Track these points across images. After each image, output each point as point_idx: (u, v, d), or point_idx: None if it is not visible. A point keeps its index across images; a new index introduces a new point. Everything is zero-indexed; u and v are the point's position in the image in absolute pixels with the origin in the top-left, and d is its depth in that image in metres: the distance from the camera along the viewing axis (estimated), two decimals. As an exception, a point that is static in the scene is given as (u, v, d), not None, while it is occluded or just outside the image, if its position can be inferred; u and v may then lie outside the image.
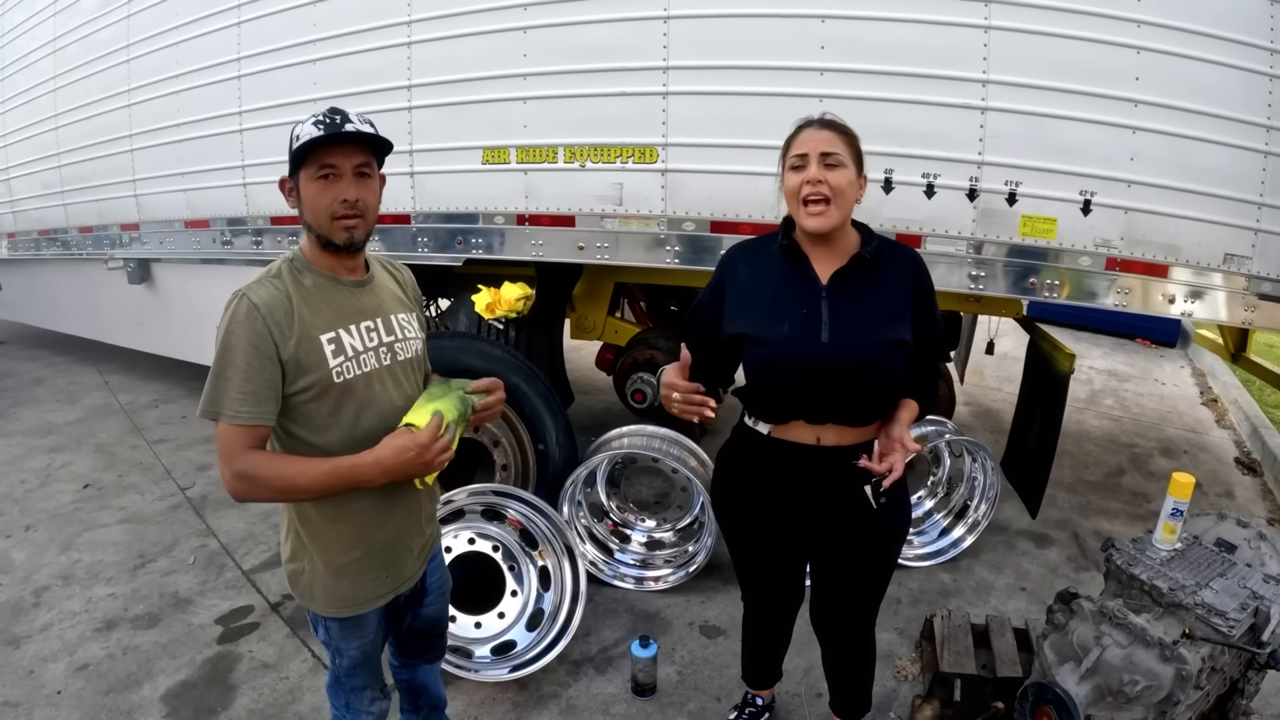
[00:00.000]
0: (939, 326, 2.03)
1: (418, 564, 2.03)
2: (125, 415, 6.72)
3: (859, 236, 1.98)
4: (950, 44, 2.94)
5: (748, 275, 1.99)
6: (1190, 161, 2.83)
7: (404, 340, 1.92)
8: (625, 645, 3.20)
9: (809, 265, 1.95)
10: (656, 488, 4.44)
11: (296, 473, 1.67)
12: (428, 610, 2.17)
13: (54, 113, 6.23)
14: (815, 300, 1.90)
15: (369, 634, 1.97)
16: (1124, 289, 2.98)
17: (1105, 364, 7.79)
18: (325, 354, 1.72)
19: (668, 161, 3.34)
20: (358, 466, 1.69)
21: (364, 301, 1.85)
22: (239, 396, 1.63)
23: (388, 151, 1.82)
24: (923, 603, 3.55)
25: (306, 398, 1.72)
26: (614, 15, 3.32)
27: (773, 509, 2.08)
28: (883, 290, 1.92)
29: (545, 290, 4.15)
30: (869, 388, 1.89)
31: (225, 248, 4.91)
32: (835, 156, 1.85)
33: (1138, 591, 2.30)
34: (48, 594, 3.85)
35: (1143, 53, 2.78)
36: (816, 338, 1.87)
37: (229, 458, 1.64)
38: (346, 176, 1.72)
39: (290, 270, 1.77)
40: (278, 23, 4.22)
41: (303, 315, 1.71)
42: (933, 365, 2.06)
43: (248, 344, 1.64)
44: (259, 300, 1.66)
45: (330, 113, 1.71)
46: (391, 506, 1.88)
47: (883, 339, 1.88)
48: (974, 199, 3.03)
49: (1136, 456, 5.48)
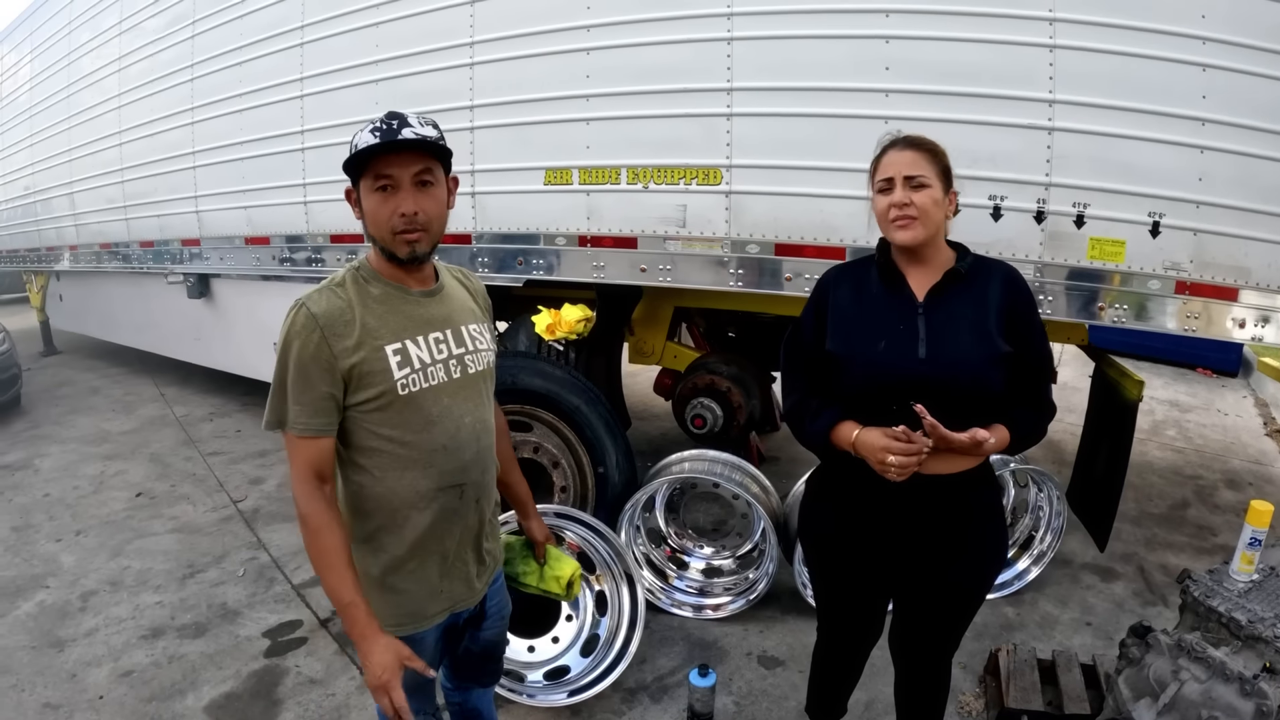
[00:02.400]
0: (1040, 346, 1.96)
1: (479, 584, 1.95)
2: (180, 427, 6.83)
3: (954, 253, 1.96)
4: (1015, 64, 2.88)
5: (846, 294, 1.99)
6: (1259, 181, 2.74)
7: (475, 352, 1.84)
8: (681, 674, 3.15)
9: (905, 283, 1.94)
10: (714, 514, 4.39)
11: (325, 566, 1.62)
12: (486, 634, 2.10)
13: (118, 129, 6.41)
14: (911, 316, 1.89)
15: (425, 655, 1.86)
16: (1193, 313, 2.88)
17: (1166, 394, 7.60)
18: (390, 365, 1.66)
19: (732, 183, 3.31)
20: (350, 626, 1.62)
21: (433, 311, 1.78)
22: (298, 408, 1.61)
23: (450, 156, 1.73)
24: (986, 636, 3.45)
25: (370, 408, 1.67)
26: (677, 37, 3.31)
27: (865, 539, 2.03)
28: (979, 305, 1.89)
29: (605, 313, 4.13)
30: (968, 403, 1.84)
31: (285, 265, 4.98)
32: (920, 178, 1.84)
33: (1215, 624, 2.21)
34: (95, 599, 3.91)
35: (1209, 70, 2.70)
36: (914, 353, 1.85)
37: (298, 472, 1.63)
38: (405, 187, 1.64)
39: (355, 279, 1.72)
40: (341, 43, 4.29)
41: (367, 325, 1.66)
42: (1033, 391, 1.99)
43: (305, 355, 1.60)
44: (318, 310, 1.62)
45: (387, 118, 1.63)
46: (452, 526, 1.81)
47: (980, 353, 1.84)
48: (1041, 221, 2.96)
49: (1201, 489, 5.32)
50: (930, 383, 1.82)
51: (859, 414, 1.93)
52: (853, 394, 1.93)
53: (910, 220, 1.83)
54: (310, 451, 1.63)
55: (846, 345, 1.93)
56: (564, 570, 2.20)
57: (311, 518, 1.62)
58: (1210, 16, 2.67)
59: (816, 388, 2.01)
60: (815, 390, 2.01)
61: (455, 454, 1.77)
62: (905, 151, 1.88)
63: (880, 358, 1.87)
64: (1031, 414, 1.96)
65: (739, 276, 3.39)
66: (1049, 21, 2.82)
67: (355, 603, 1.61)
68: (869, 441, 1.86)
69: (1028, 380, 1.93)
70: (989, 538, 2.04)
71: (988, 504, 2.03)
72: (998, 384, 1.86)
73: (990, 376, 1.85)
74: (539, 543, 2.22)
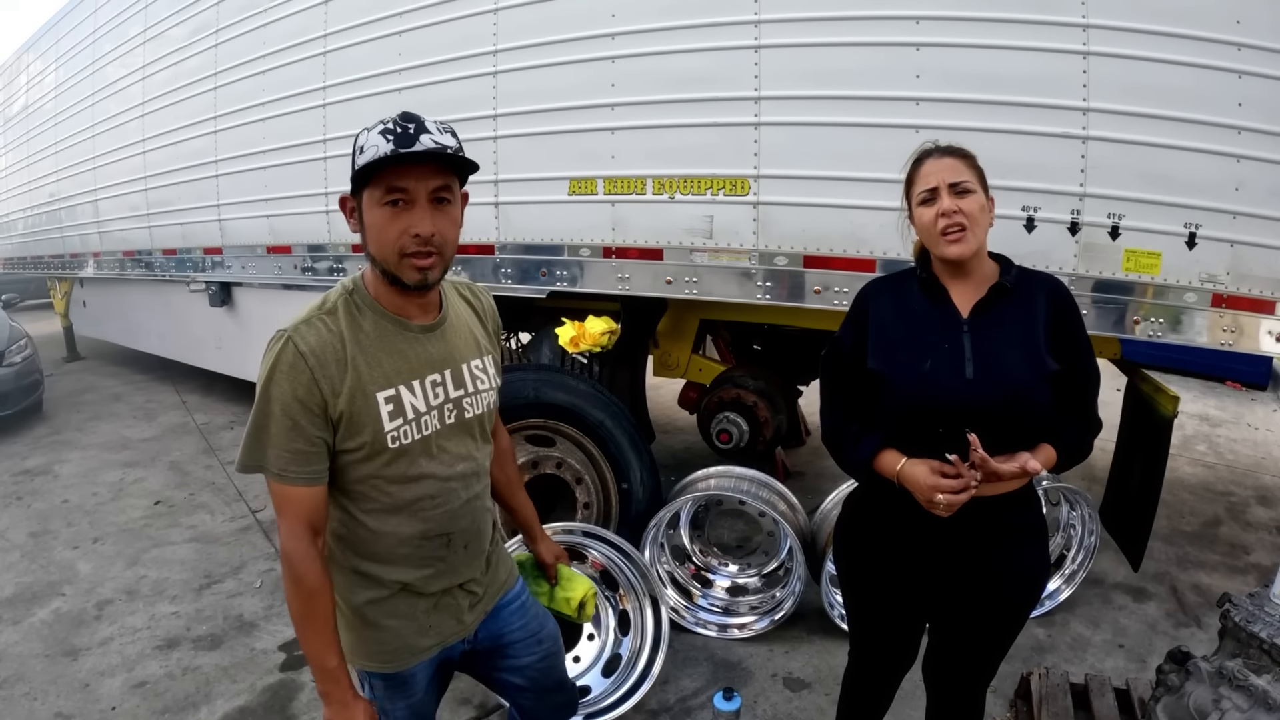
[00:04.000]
0: (1087, 361, 1.89)
1: (469, 617, 1.77)
2: (201, 435, 6.85)
3: (997, 266, 1.89)
4: (1048, 71, 2.83)
5: (888, 310, 1.92)
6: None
7: (474, 394, 1.67)
8: (705, 695, 3.08)
9: (948, 299, 1.86)
10: (740, 530, 4.33)
11: (313, 630, 1.51)
12: (523, 663, 1.89)
13: (142, 137, 6.45)
14: (957, 334, 1.82)
15: (417, 694, 1.74)
16: (1229, 327, 2.81)
17: (1196, 408, 7.47)
18: (381, 415, 1.50)
19: (759, 194, 3.26)
20: (330, 691, 1.52)
21: (432, 350, 1.60)
22: (286, 455, 1.45)
23: (472, 170, 1.52)
24: (1016, 659, 3.35)
25: (355, 458, 1.52)
26: (704, 45, 3.27)
27: (904, 562, 1.96)
28: (1026, 322, 1.82)
29: (629, 325, 4.09)
30: (1018, 425, 1.78)
31: (306, 274, 4.98)
32: (964, 183, 1.78)
33: (1257, 650, 2.12)
34: (110, 608, 3.89)
35: (1244, 77, 2.64)
36: (961, 373, 1.78)
37: (289, 525, 1.48)
38: (420, 204, 1.45)
39: (347, 307, 1.52)
40: (363, 52, 4.28)
41: (357, 367, 1.48)
42: (1080, 406, 1.92)
43: (292, 397, 1.43)
44: (307, 348, 1.44)
45: (402, 120, 1.43)
46: (439, 573, 1.68)
47: (1030, 372, 1.77)
48: (1075, 233, 2.89)
49: (1233, 505, 5.21)
50: (979, 404, 1.75)
51: (902, 436, 1.86)
52: (897, 415, 1.85)
53: (961, 232, 1.76)
54: (303, 500, 1.48)
55: (890, 364, 1.85)
56: (575, 591, 2.12)
57: (306, 579, 1.47)
58: (1245, 22, 2.62)
59: (857, 408, 1.94)
60: (855, 411, 1.94)
61: (443, 503, 1.64)
62: (944, 159, 1.82)
63: (926, 378, 1.80)
64: (1078, 432, 1.89)
65: (766, 289, 3.34)
66: (1082, 28, 2.77)
67: (339, 669, 1.52)
68: (916, 478, 1.79)
69: (1075, 397, 1.87)
70: (1030, 560, 1.96)
71: (1030, 524, 1.95)
72: (1047, 404, 1.79)
73: (1040, 397, 1.78)
74: (547, 564, 2.13)
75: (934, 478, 1.74)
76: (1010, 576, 1.92)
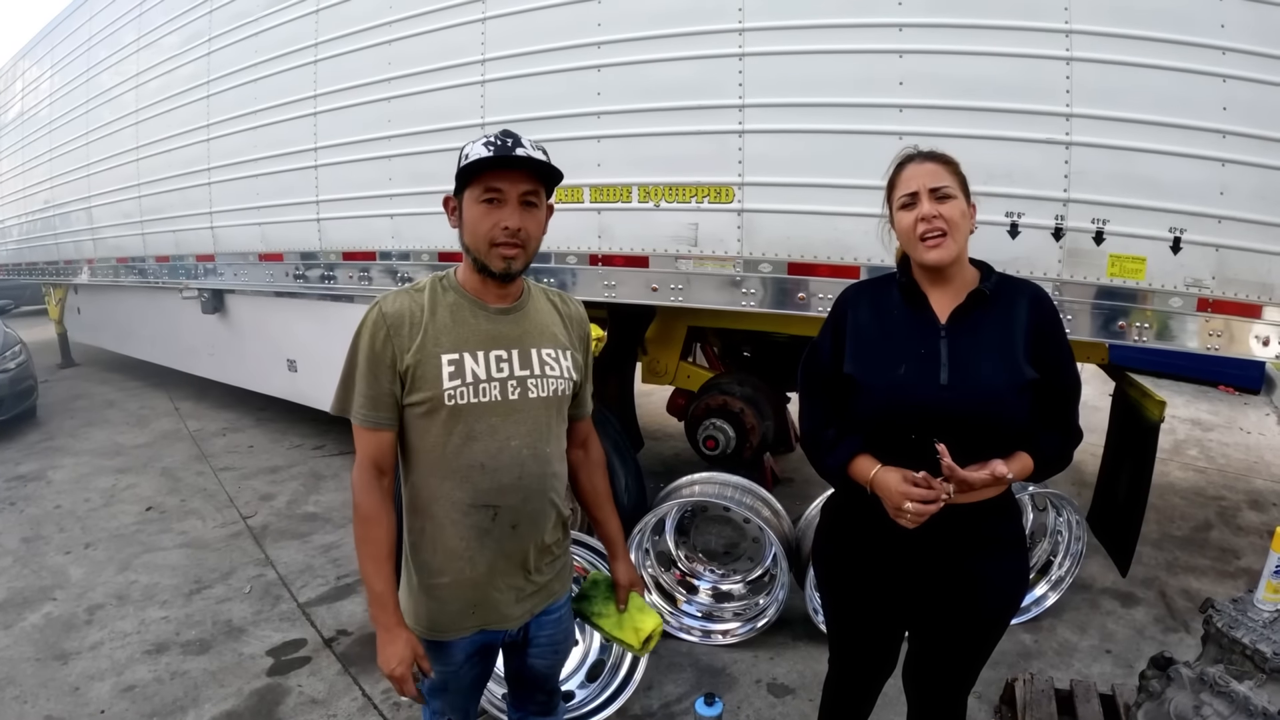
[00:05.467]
0: (1068, 369, 1.88)
1: (517, 610, 1.90)
2: (193, 441, 6.85)
3: (978, 273, 1.88)
4: (1032, 77, 2.84)
5: (866, 314, 1.92)
6: (1282, 195, 2.69)
7: (541, 377, 1.81)
8: (688, 701, 3.09)
9: (927, 304, 1.86)
10: (726, 537, 4.32)
11: (367, 554, 1.75)
12: (533, 663, 2.04)
13: (135, 145, 6.48)
14: (934, 340, 1.82)
15: (453, 665, 1.89)
16: (1216, 331, 2.81)
17: (1188, 412, 7.48)
18: (442, 374, 1.70)
19: (744, 201, 3.27)
20: (377, 615, 1.74)
21: (503, 329, 1.78)
22: (361, 399, 1.71)
23: (558, 181, 1.76)
24: (1002, 665, 3.36)
25: (419, 412, 1.73)
26: (689, 53, 3.29)
27: (882, 570, 1.96)
28: (1004, 329, 1.82)
29: (617, 332, 4.10)
30: (991, 433, 1.77)
31: (298, 281, 4.99)
32: (945, 189, 1.78)
33: (1239, 656, 2.12)
34: (101, 612, 3.90)
35: (1229, 81, 2.65)
36: (935, 380, 1.78)
37: (359, 460, 1.74)
38: (511, 203, 1.68)
39: (435, 286, 1.78)
40: (353, 61, 4.30)
41: (429, 330, 1.71)
42: (1060, 417, 1.92)
43: (372, 350, 1.70)
44: (388, 310, 1.71)
45: (502, 135, 1.67)
46: (484, 546, 1.80)
47: (1006, 380, 1.77)
48: (1060, 238, 2.90)
49: (1224, 510, 5.22)
50: (951, 411, 1.75)
51: (875, 441, 1.86)
52: (870, 420, 1.85)
53: (941, 237, 1.76)
54: (371, 442, 1.73)
55: (865, 369, 1.85)
56: (646, 624, 2.09)
57: (363, 506, 1.73)
58: (1230, 26, 2.63)
59: (834, 413, 1.94)
60: (833, 416, 1.94)
61: (493, 475, 1.76)
62: (926, 164, 1.82)
63: (900, 383, 1.80)
64: (1057, 441, 1.87)
65: (752, 296, 3.35)
66: (1065, 34, 2.78)
67: (386, 593, 1.73)
68: (887, 484, 1.79)
69: (1055, 406, 1.86)
70: (1009, 570, 1.95)
71: (1008, 534, 1.95)
72: (1022, 413, 1.78)
73: (1015, 406, 1.77)
74: (621, 586, 2.16)
75: (905, 486, 1.74)
76: (987, 588, 1.91)
